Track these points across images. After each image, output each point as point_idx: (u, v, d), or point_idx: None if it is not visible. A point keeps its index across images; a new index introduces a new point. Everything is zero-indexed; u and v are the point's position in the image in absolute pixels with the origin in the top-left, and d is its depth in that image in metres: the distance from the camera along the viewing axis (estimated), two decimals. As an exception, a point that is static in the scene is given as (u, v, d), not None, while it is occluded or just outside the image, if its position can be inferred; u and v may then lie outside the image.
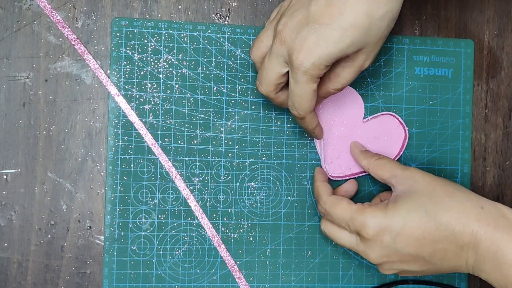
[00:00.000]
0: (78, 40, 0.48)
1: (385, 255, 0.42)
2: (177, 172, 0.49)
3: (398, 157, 0.51)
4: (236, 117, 0.50)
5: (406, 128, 0.51)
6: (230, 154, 0.50)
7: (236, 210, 0.50)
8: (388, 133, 0.51)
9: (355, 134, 0.50)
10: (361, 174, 0.50)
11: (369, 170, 0.47)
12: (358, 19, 0.39)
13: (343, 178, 0.51)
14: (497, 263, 0.39)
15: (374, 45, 0.41)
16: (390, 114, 0.51)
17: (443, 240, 0.40)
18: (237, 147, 0.50)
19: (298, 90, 0.42)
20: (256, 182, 0.50)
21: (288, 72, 0.42)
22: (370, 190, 0.51)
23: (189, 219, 0.49)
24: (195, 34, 0.49)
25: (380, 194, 0.50)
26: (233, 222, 0.50)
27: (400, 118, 0.51)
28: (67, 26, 0.48)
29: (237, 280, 0.50)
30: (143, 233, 0.49)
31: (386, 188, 0.50)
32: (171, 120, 0.49)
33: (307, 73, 0.40)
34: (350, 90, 0.51)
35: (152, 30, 0.49)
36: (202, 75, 0.49)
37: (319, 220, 0.51)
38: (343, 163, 0.50)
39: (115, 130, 0.48)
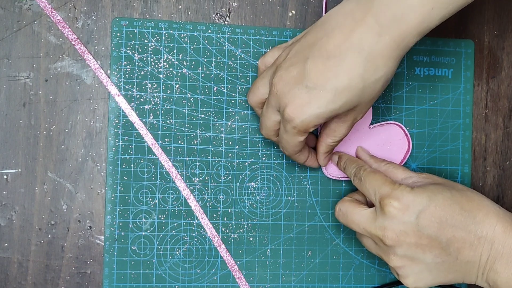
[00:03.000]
0: (78, 40, 0.48)
1: (404, 232, 0.41)
2: (178, 172, 0.49)
3: None
4: (236, 117, 0.50)
5: (411, 141, 0.51)
6: (230, 154, 0.50)
7: (236, 210, 0.50)
8: (392, 143, 0.51)
9: (359, 139, 0.50)
10: None
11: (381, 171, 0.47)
12: (353, 82, 0.39)
13: (342, 179, 0.51)
14: (511, 260, 0.39)
15: (366, 104, 0.42)
16: (396, 124, 0.51)
17: (463, 227, 0.40)
18: (237, 147, 0.50)
19: (286, 137, 0.43)
20: (257, 182, 0.50)
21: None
22: (370, 190, 0.51)
23: (190, 219, 0.49)
24: (195, 34, 0.49)
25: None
26: (233, 222, 0.50)
27: (405, 130, 0.51)
28: (67, 26, 0.48)
29: (237, 280, 0.49)
30: (143, 233, 0.49)
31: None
32: (171, 120, 0.49)
33: (295, 128, 0.41)
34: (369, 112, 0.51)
35: (152, 30, 0.49)
36: (202, 75, 0.49)
37: (319, 220, 0.51)
38: None
39: (116, 130, 0.48)
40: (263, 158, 0.50)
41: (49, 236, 0.48)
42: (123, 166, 0.48)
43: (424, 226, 0.41)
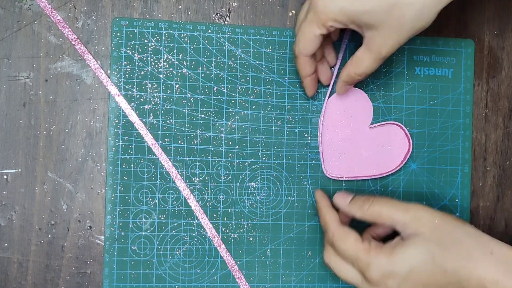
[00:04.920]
0: (78, 40, 0.48)
1: None
2: (178, 172, 0.49)
3: (399, 167, 0.51)
4: (236, 117, 0.50)
5: (411, 141, 0.51)
6: (230, 154, 0.50)
7: (237, 210, 0.50)
8: (392, 143, 0.51)
9: (359, 138, 0.50)
10: (359, 178, 0.50)
11: (367, 220, 0.44)
12: None
13: (341, 179, 0.51)
14: None
15: (391, 31, 0.41)
16: (397, 125, 0.51)
17: (449, 286, 0.40)
18: (237, 147, 0.50)
19: (304, 27, 0.43)
20: (257, 182, 0.50)
21: (322, 36, 0.43)
22: (370, 190, 0.51)
23: (190, 219, 0.49)
24: (195, 34, 0.49)
25: (370, 229, 0.47)
26: (233, 222, 0.50)
27: (406, 130, 0.51)
28: (68, 26, 0.48)
29: (237, 280, 0.49)
30: (143, 233, 0.49)
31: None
32: (171, 120, 0.49)
33: (316, 14, 0.41)
34: (362, 94, 0.51)
35: (152, 30, 0.49)
36: (203, 75, 0.49)
37: (319, 220, 0.51)
38: (343, 165, 0.50)
39: (116, 130, 0.48)
40: (263, 158, 0.50)
41: (49, 236, 0.48)
42: (123, 166, 0.48)
43: None
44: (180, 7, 0.50)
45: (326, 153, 0.50)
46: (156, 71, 0.49)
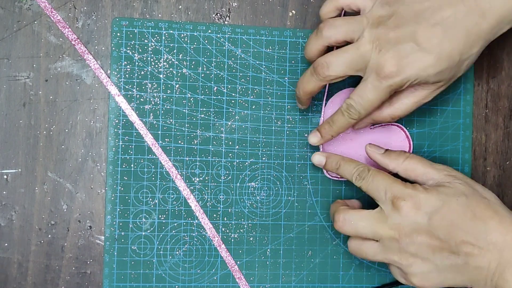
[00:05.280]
0: (78, 40, 0.48)
1: (416, 230, 0.42)
2: (178, 172, 0.49)
3: None
4: (236, 117, 0.50)
5: (411, 143, 0.51)
6: (230, 154, 0.50)
7: (237, 210, 0.50)
8: (393, 144, 0.51)
9: (360, 139, 0.50)
10: None
11: (399, 173, 0.46)
12: (453, 52, 0.42)
13: (342, 179, 0.51)
14: None
15: (445, 83, 0.44)
16: (398, 126, 0.51)
17: (474, 233, 0.40)
18: (237, 147, 0.50)
19: (372, 95, 0.43)
20: (257, 182, 0.50)
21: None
22: (370, 190, 0.51)
23: (190, 219, 0.49)
24: (195, 34, 0.49)
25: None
26: (233, 222, 0.50)
27: (406, 132, 0.51)
28: (68, 26, 0.48)
29: (237, 280, 0.49)
30: (143, 233, 0.49)
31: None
32: (171, 120, 0.49)
33: (391, 85, 0.42)
34: None
35: (152, 30, 0.49)
36: (203, 75, 0.49)
37: (320, 220, 0.51)
38: None
39: (116, 130, 0.48)
40: (263, 158, 0.50)
41: (49, 236, 0.48)
42: (123, 166, 0.48)
43: (436, 227, 0.41)
44: (180, 7, 0.50)
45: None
46: (156, 71, 0.49)
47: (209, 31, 0.50)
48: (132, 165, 0.48)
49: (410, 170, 0.45)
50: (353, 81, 0.50)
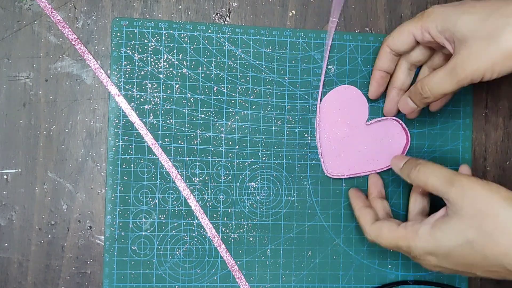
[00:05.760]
0: (78, 40, 0.48)
1: (435, 266, 0.41)
2: (178, 172, 0.49)
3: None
4: (236, 117, 0.50)
5: (409, 134, 0.51)
6: (230, 154, 0.50)
7: (237, 210, 0.50)
8: (390, 137, 0.51)
9: (357, 135, 0.50)
10: (360, 174, 0.50)
11: (414, 183, 0.44)
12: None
13: (341, 177, 0.51)
14: None
15: (481, 48, 0.41)
16: (393, 119, 0.51)
17: (494, 266, 0.38)
18: (237, 147, 0.50)
19: (405, 23, 0.45)
20: (257, 182, 0.50)
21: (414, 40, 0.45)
22: (370, 190, 0.51)
23: (190, 219, 0.49)
24: (195, 34, 0.49)
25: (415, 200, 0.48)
26: (233, 222, 0.50)
27: (403, 124, 0.51)
28: (68, 26, 0.48)
29: (237, 280, 0.49)
30: (143, 233, 0.49)
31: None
32: (171, 120, 0.49)
33: (422, 16, 0.43)
34: (356, 91, 0.51)
35: (152, 30, 0.49)
36: (203, 75, 0.49)
37: (320, 220, 0.51)
38: (343, 163, 0.50)
39: (116, 130, 0.48)
40: (263, 158, 0.50)
41: (49, 236, 0.48)
42: (123, 166, 0.48)
43: (451, 265, 0.41)
44: (180, 7, 0.50)
45: (325, 153, 0.50)
46: (156, 71, 0.49)
47: (209, 31, 0.50)
48: (132, 165, 0.48)
49: (422, 185, 0.43)
50: (348, 80, 0.50)
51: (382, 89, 0.49)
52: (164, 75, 0.49)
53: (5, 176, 0.48)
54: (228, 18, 0.50)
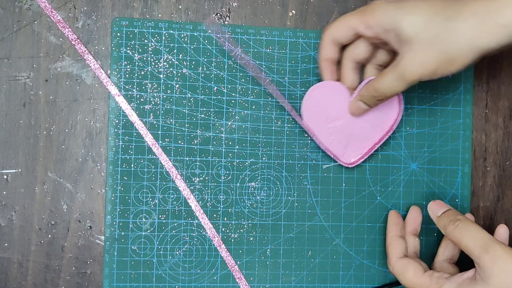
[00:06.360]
0: (78, 40, 0.48)
1: None
2: (178, 172, 0.49)
3: (389, 134, 0.49)
4: (236, 117, 0.50)
5: (403, 105, 0.49)
6: (230, 154, 0.50)
7: (237, 210, 0.50)
8: (381, 107, 0.49)
9: (352, 118, 0.48)
10: (377, 145, 0.49)
11: (448, 237, 0.44)
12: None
13: (361, 159, 0.49)
14: None
15: (424, 48, 0.41)
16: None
17: None
18: (237, 147, 0.50)
19: (345, 15, 0.45)
20: (257, 182, 0.50)
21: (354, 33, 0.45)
22: (370, 190, 0.51)
23: (190, 219, 0.49)
24: (195, 34, 0.49)
25: (444, 250, 0.48)
26: (233, 222, 0.50)
27: (400, 95, 0.49)
28: (68, 26, 0.48)
29: (237, 280, 0.49)
30: (143, 233, 0.49)
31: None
32: (171, 120, 0.49)
33: (364, 11, 0.43)
34: (326, 84, 0.48)
35: (152, 30, 0.49)
36: (203, 75, 0.49)
37: (320, 220, 0.51)
38: (355, 147, 0.49)
39: (116, 130, 0.48)
40: (263, 158, 0.50)
41: (49, 236, 0.48)
42: (123, 166, 0.48)
43: None
44: (180, 7, 0.50)
45: (334, 149, 0.49)
46: (156, 71, 0.49)
47: (209, 31, 0.50)
48: (132, 165, 0.48)
49: (456, 242, 0.42)
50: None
51: (335, 75, 0.48)
52: (164, 75, 0.49)
53: (5, 176, 0.48)
54: (228, 18, 0.50)
